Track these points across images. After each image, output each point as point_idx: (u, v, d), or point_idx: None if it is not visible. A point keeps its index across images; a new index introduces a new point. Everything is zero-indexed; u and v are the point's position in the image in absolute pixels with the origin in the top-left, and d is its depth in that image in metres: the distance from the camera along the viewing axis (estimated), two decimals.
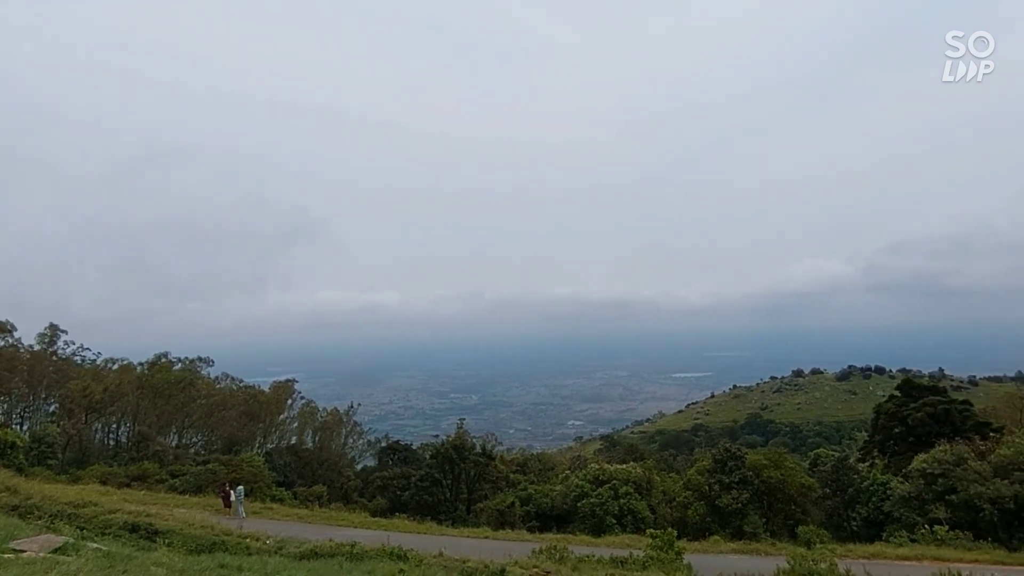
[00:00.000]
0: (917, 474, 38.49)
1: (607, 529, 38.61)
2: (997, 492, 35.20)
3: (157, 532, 24.40)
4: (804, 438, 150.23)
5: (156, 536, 23.81)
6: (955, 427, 46.46)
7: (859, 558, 27.95)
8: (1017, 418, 56.93)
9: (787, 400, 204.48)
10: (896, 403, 52.97)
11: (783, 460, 46.42)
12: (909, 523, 36.56)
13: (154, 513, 27.20)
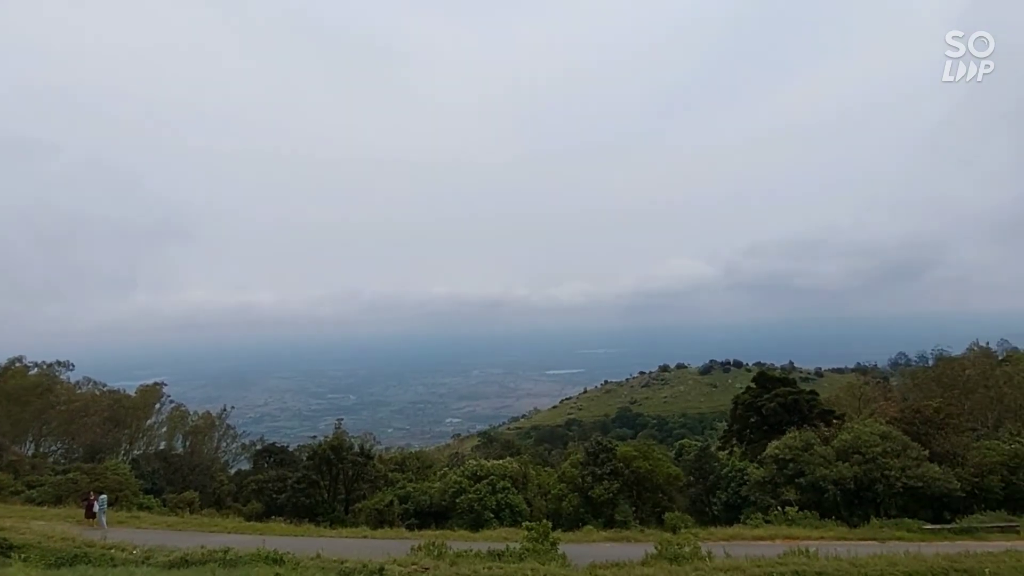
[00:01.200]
0: (770, 460, 39.95)
1: (485, 523, 38.10)
2: (839, 474, 37.02)
3: (12, 547, 22.66)
4: (670, 429, 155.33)
5: (11, 551, 22.08)
6: (803, 415, 48.64)
7: (720, 540, 28.65)
8: (856, 406, 60.34)
9: (654, 394, 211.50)
10: (752, 394, 54.96)
11: (651, 451, 47.33)
12: (764, 505, 37.89)
13: (8, 527, 25.48)
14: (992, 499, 37.23)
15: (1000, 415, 58.20)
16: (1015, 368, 66.69)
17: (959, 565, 20.82)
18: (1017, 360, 71.86)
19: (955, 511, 36.13)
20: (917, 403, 50.54)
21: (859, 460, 37.65)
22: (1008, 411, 58.75)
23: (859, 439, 38.73)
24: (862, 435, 39.04)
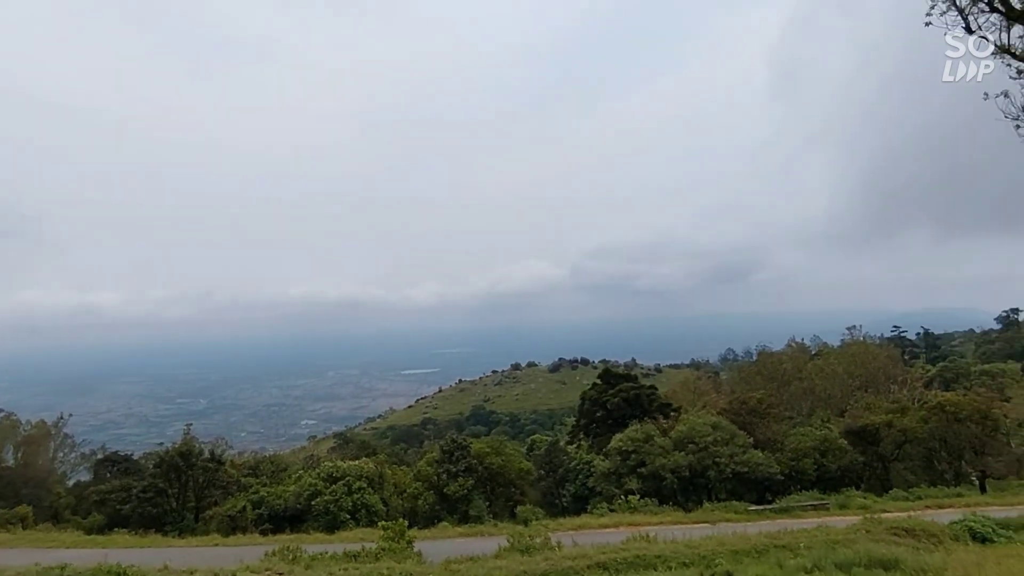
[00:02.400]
0: (615, 452, 41.21)
1: (341, 525, 36.90)
2: (676, 463, 38.79)
3: None
4: (522, 426, 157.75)
5: None
6: (644, 409, 50.58)
7: (569, 530, 29.06)
8: (691, 399, 63.68)
9: (507, 392, 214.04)
10: (598, 391, 56.51)
11: (504, 447, 47.71)
12: (609, 495, 39.03)
13: None
14: (806, 480, 40.24)
15: (813, 404, 63.26)
16: (825, 361, 72.92)
17: (778, 541, 22.13)
18: (827, 354, 78.64)
19: (776, 492, 38.79)
20: (743, 395, 53.92)
21: (693, 449, 39.62)
22: (819, 400, 64.04)
23: (693, 430, 40.79)
24: (696, 426, 41.14)
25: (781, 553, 20.30)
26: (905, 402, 49.85)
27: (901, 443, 42.83)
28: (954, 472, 41.81)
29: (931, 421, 41.87)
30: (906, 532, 23.21)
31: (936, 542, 22.33)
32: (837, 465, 41.36)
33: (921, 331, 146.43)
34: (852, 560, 17.67)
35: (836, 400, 62.50)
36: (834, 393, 64.74)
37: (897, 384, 62.23)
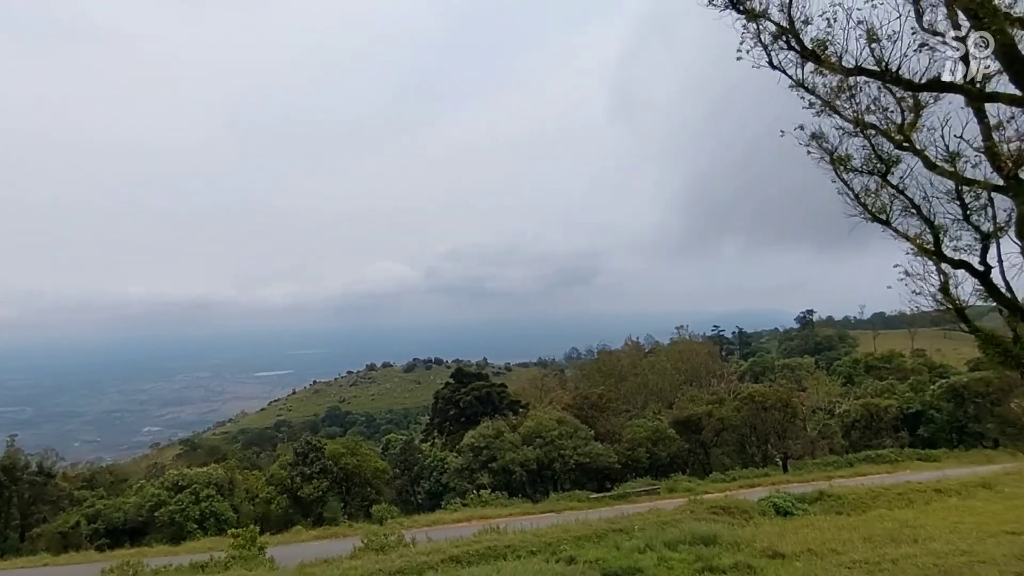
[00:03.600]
0: (467, 448, 41.75)
1: (188, 535, 34.87)
2: (525, 457, 39.93)
3: None
4: (378, 426, 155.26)
5: None
6: (495, 406, 51.49)
7: (423, 527, 29.14)
8: (539, 395, 65.53)
9: (362, 392, 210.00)
10: (451, 389, 56.93)
11: (359, 447, 46.96)
12: (462, 490, 39.49)
13: None
14: (640, 468, 42.67)
15: (646, 397, 66.91)
16: (657, 358, 77.42)
17: (616, 526, 23.39)
18: (658, 352, 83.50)
19: (614, 480, 40.91)
20: (585, 391, 56.18)
21: (541, 443, 40.94)
22: (652, 394, 67.82)
23: (541, 425, 42.13)
24: (543, 421, 42.53)
25: (618, 536, 21.43)
26: (722, 394, 53.83)
27: (719, 431, 46.36)
28: (762, 455, 45.80)
29: (743, 410, 45.64)
30: (723, 510, 25.28)
31: (747, 518, 24.52)
32: (667, 453, 44.12)
33: (736, 330, 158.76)
34: (678, 538, 19.00)
35: (666, 393, 66.30)
36: (664, 387, 68.69)
37: (716, 378, 66.94)
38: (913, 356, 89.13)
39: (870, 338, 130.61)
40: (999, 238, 7.83)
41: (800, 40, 7.88)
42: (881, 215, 8.34)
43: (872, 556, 15.77)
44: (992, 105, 7.41)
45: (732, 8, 7.93)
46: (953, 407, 48.47)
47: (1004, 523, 19.45)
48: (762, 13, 7.91)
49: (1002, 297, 7.82)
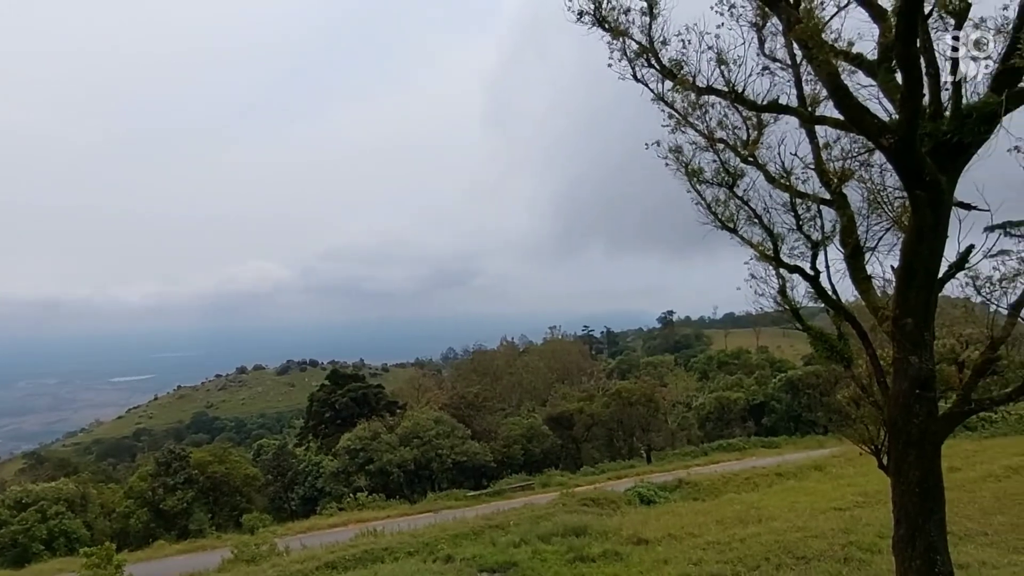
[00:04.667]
0: (344, 451, 40.87)
1: (34, 557, 31.88)
2: (402, 458, 39.57)
3: None
4: (249, 431, 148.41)
5: None
6: (372, 408, 50.57)
7: (298, 534, 28.28)
8: (416, 396, 64.89)
9: (232, 396, 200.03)
10: (326, 391, 55.44)
11: (228, 454, 44.91)
12: (339, 494, 38.51)
13: None
14: (516, 464, 43.35)
15: (521, 395, 67.95)
16: (531, 358, 78.81)
17: (492, 522, 23.69)
18: (532, 351, 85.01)
19: (490, 477, 41.26)
20: (462, 390, 56.35)
21: (418, 443, 40.67)
22: (526, 392, 68.96)
23: (418, 425, 41.87)
24: (420, 421, 42.28)
25: (495, 532, 21.75)
26: (592, 391, 55.62)
27: (590, 426, 47.88)
28: (628, 447, 47.74)
29: (612, 406, 47.39)
30: (593, 502, 26.19)
31: (615, 508, 25.54)
32: (541, 449, 45.07)
33: (605, 330, 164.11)
34: (551, 531, 19.54)
35: (540, 391, 67.60)
36: (538, 385, 70.00)
37: (586, 375, 69.09)
38: (758, 353, 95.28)
39: (722, 336, 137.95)
40: (826, 246, 8.63)
41: (659, 59, 8.33)
42: (729, 223, 8.94)
43: (724, 537, 16.86)
44: (821, 127, 8.20)
45: (599, 25, 8.29)
46: (790, 398, 52.52)
47: (832, 500, 21.35)
48: (625, 32, 8.30)
49: (828, 299, 8.62)
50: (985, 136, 6.58)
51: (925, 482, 7.37)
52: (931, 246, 7.01)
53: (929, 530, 7.33)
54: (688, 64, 8.15)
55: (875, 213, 8.35)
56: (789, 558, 14.36)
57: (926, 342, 7.20)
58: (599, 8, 8.17)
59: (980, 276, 7.37)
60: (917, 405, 7.24)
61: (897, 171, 6.99)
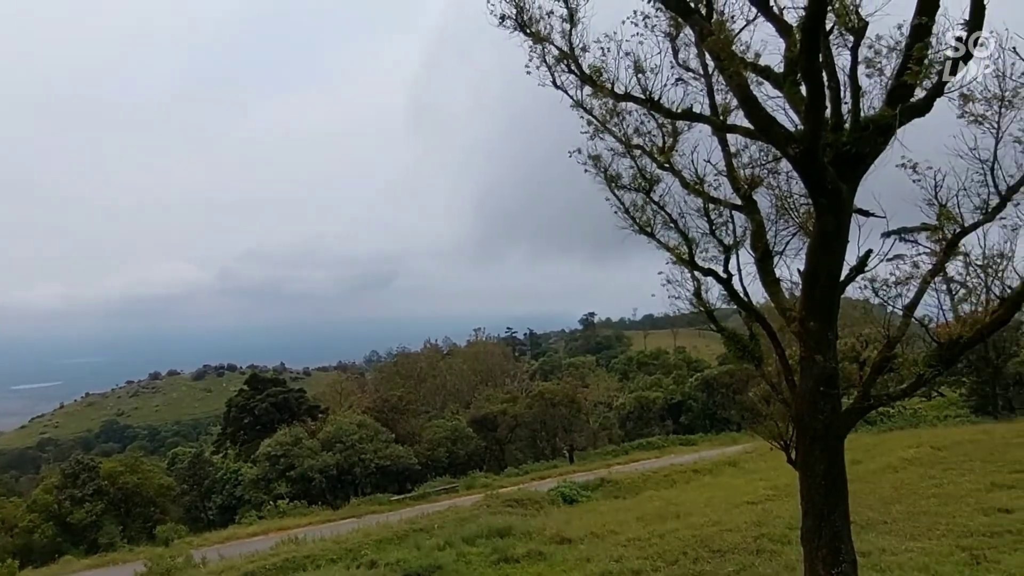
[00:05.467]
0: (264, 457, 39.76)
1: None
2: (324, 463, 38.77)
3: None
4: (163, 439, 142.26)
5: None
6: (293, 412, 49.44)
7: (215, 544, 27.41)
8: (339, 400, 63.66)
9: (145, 403, 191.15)
10: (245, 396, 53.86)
11: (140, 464, 43.07)
12: (258, 502, 37.45)
13: None
14: (440, 467, 43.10)
15: (445, 398, 67.53)
16: (455, 360, 78.52)
17: (416, 526, 23.51)
18: (456, 354, 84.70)
19: (415, 481, 40.90)
20: (385, 393, 55.65)
21: (341, 448, 39.94)
22: (450, 394, 68.59)
23: (341, 429, 41.12)
24: (343, 426, 41.54)
25: (419, 536, 21.56)
26: (516, 392, 55.98)
27: (513, 427, 48.11)
28: (551, 448, 48.21)
29: (535, 407, 47.77)
30: (517, 503, 26.30)
31: (539, 508, 25.71)
32: (465, 451, 44.97)
33: (528, 331, 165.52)
34: (476, 533, 19.52)
35: (463, 393, 67.41)
36: (462, 387, 69.76)
37: (510, 377, 69.42)
38: (676, 353, 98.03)
39: (642, 337, 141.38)
40: (738, 250, 8.91)
41: (579, 65, 8.42)
42: (647, 228, 9.12)
43: (644, 533, 17.21)
44: (732, 135, 8.47)
45: (520, 30, 8.30)
46: (706, 397, 54.33)
47: (745, 495, 22.12)
48: (546, 37, 8.35)
49: (740, 301, 8.91)
50: (881, 147, 6.93)
51: (830, 475, 7.69)
52: (833, 251, 7.32)
53: (834, 520, 7.63)
54: (607, 71, 8.26)
55: (783, 219, 8.67)
56: (705, 551, 14.78)
57: (830, 342, 7.52)
58: (520, 13, 8.20)
59: (877, 279, 7.75)
60: (822, 402, 7.54)
61: (802, 179, 7.28)
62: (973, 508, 15.49)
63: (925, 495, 17.54)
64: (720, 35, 6.86)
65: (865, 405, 8.08)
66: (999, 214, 7.16)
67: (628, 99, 8.37)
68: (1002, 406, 34.96)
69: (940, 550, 12.73)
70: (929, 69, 6.56)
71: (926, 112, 6.87)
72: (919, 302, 7.67)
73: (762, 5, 7.23)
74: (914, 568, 11.81)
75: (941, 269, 7.58)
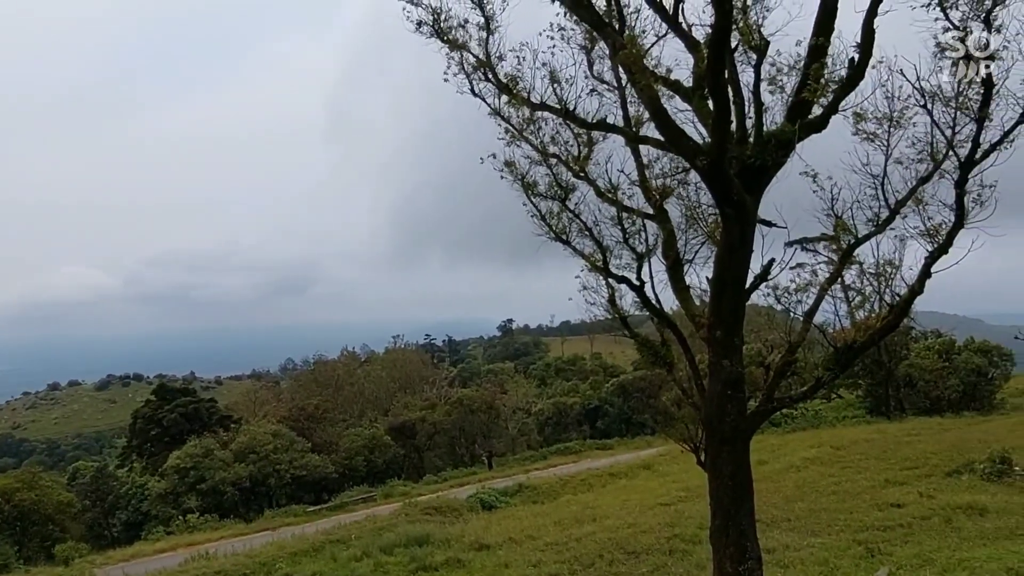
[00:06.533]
0: (172, 470, 38.04)
1: None
2: (237, 475, 37.35)
3: None
4: (63, 453, 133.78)
5: None
6: (204, 423, 47.55)
7: (120, 562, 25.88)
8: (253, 409, 61.62)
9: (43, 416, 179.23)
10: (152, 407, 51.44)
11: (38, 480, 40.48)
12: (166, 517, 35.71)
13: None
14: (358, 476, 42.18)
15: (363, 406, 66.38)
16: (373, 367, 77.39)
17: (333, 537, 22.82)
18: (374, 361, 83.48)
19: (332, 491, 39.83)
20: (301, 402, 54.26)
21: (254, 459, 38.56)
22: (368, 402, 67.51)
23: (254, 440, 39.73)
24: (257, 436, 40.16)
25: (336, 547, 20.96)
26: (434, 399, 55.48)
27: (432, 434, 47.68)
28: (470, 454, 48.02)
29: (453, 414, 47.50)
30: (436, 510, 26.00)
31: (458, 515, 25.48)
32: (383, 459, 44.21)
33: (447, 338, 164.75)
34: (394, 542, 19.13)
35: (382, 401, 66.49)
36: (380, 395, 68.81)
37: (429, 384, 68.72)
38: (592, 359, 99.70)
39: (559, 344, 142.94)
40: (650, 258, 9.09)
41: (496, 73, 8.40)
42: (563, 235, 9.18)
43: (562, 537, 17.30)
44: (644, 147, 8.64)
45: (437, 37, 8.22)
46: (622, 402, 55.38)
47: (659, 497, 22.60)
48: (463, 45, 8.29)
49: (652, 307, 9.08)
50: (783, 161, 7.21)
51: (737, 475, 7.90)
52: (739, 259, 7.55)
53: (741, 519, 7.85)
54: (523, 80, 8.28)
55: (692, 228, 8.90)
56: (621, 553, 14.98)
57: (736, 347, 7.74)
58: (437, 20, 8.11)
59: (780, 287, 8.07)
60: (729, 405, 7.75)
61: (710, 190, 7.49)
62: (868, 504, 16.36)
63: (825, 493, 18.39)
64: (632, 49, 6.98)
65: (770, 407, 8.37)
66: (889, 226, 7.59)
67: (544, 108, 8.41)
68: (894, 407, 37.02)
69: (838, 545, 13.37)
70: (825, 88, 6.87)
71: (823, 128, 7.19)
72: (818, 308, 8.04)
73: (672, 21, 7.42)
74: (815, 563, 12.34)
75: (838, 277, 7.97)
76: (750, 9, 7.17)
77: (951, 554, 11.89)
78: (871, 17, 6.62)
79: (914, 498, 16.21)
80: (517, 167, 8.97)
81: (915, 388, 36.30)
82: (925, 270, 7.39)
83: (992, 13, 6.58)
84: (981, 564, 11.06)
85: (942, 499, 15.67)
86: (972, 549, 12.07)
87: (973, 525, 13.58)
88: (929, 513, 14.73)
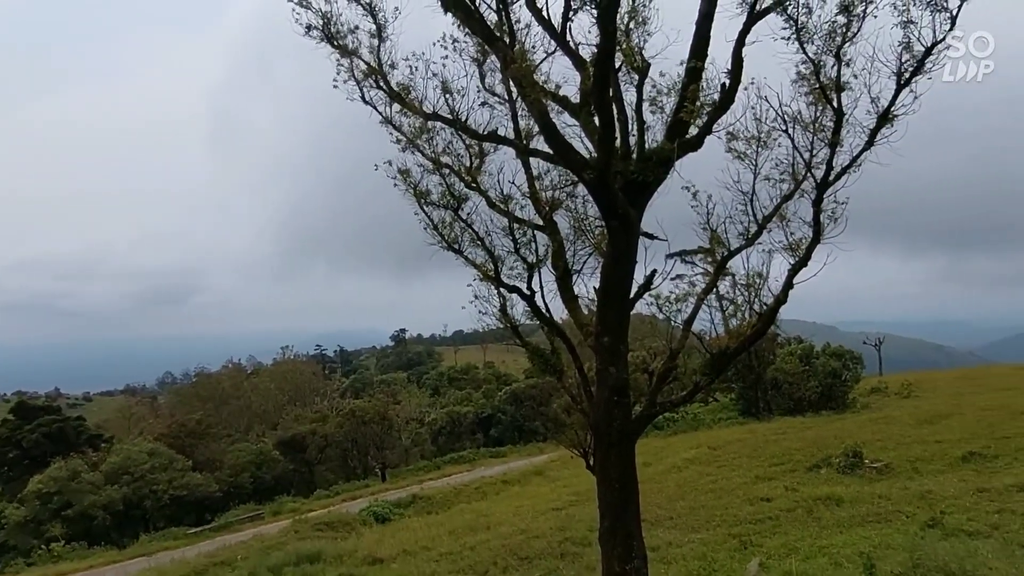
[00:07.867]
0: (33, 496, 35.04)
1: None
2: (109, 498, 34.96)
3: None
4: None
5: None
6: (70, 443, 44.22)
7: None
8: (127, 426, 57.94)
9: None
10: (10, 427, 47.48)
11: None
12: (27, 548, 32.68)
13: None
14: (245, 494, 40.36)
15: (250, 420, 63.78)
16: (260, 379, 74.45)
17: (217, 559, 21.78)
18: (262, 373, 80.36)
19: (216, 511, 37.80)
20: (182, 417, 51.39)
21: (128, 480, 36.19)
22: (256, 416, 64.93)
23: (128, 459, 37.28)
24: (131, 455, 37.71)
25: (219, 570, 20.05)
26: (326, 411, 54.03)
27: (323, 447, 46.37)
28: (363, 467, 47.00)
29: (345, 426, 46.42)
30: (327, 526, 25.32)
31: (350, 529, 24.91)
32: (271, 475, 42.57)
33: (338, 348, 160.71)
34: (283, 561, 18.48)
35: (270, 415, 64.20)
36: (268, 408, 66.44)
37: (320, 396, 66.94)
38: (485, 368, 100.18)
39: (452, 353, 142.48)
40: (540, 268, 9.29)
41: (387, 82, 8.34)
42: (455, 245, 9.21)
43: (456, 547, 17.29)
44: (535, 159, 8.84)
45: (327, 42, 8.08)
46: (514, 409, 56.08)
47: (551, 502, 23.02)
48: (354, 51, 8.19)
49: (543, 316, 9.27)
50: (663, 176, 7.59)
51: (623, 478, 8.18)
52: (624, 270, 7.87)
53: (628, 520, 8.13)
54: (415, 89, 8.26)
55: (580, 239, 9.17)
56: (514, 559, 15.14)
57: (622, 354, 8.04)
58: (328, 24, 7.97)
59: (662, 296, 8.48)
60: (616, 410, 8.03)
61: (596, 203, 7.78)
62: (742, 499, 17.37)
63: (704, 491, 19.34)
64: (522, 64, 7.15)
65: (653, 411, 8.74)
66: (757, 240, 8.15)
67: (436, 118, 8.43)
68: (763, 408, 39.28)
69: (715, 539, 14.15)
70: (700, 109, 7.32)
71: (699, 147, 7.65)
72: (696, 317, 8.50)
73: (560, 39, 7.65)
74: (694, 557, 12.99)
75: (713, 287, 8.46)
76: (633, 32, 7.54)
77: (813, 542, 12.89)
78: (740, 46, 7.16)
79: (781, 492, 17.39)
80: (411, 175, 8.95)
81: (780, 390, 38.63)
82: (788, 281, 7.99)
83: (842, 48, 7.25)
84: (838, 550, 12.04)
85: (804, 492, 16.90)
86: (831, 536, 13.13)
87: (831, 514, 14.75)
88: (794, 505, 15.86)
